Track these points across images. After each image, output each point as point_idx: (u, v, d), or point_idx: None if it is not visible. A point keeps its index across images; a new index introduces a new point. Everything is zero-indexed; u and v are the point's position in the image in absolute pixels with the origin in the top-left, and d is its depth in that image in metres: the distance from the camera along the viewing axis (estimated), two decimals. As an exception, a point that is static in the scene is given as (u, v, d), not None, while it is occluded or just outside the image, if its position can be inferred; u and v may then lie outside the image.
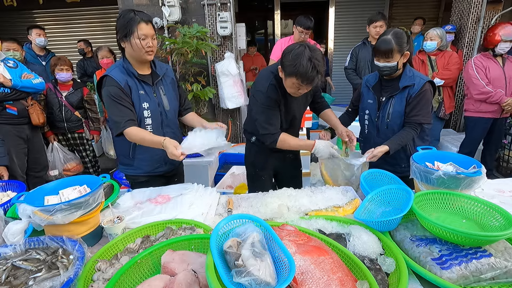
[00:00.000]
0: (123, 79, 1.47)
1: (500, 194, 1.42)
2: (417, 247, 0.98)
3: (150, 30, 1.44)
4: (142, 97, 1.52)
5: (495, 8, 3.79)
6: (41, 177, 2.90)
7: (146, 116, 1.54)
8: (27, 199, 1.08)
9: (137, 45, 1.43)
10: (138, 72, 1.53)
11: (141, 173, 1.67)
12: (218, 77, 3.79)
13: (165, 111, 1.61)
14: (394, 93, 1.71)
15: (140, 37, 1.41)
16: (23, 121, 2.63)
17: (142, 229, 1.15)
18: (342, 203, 1.37)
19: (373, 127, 1.83)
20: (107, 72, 1.49)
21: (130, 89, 1.49)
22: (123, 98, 1.46)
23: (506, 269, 0.86)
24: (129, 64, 1.50)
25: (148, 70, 1.58)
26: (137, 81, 1.52)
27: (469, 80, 2.90)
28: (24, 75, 2.58)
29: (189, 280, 0.82)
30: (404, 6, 6.14)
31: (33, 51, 3.70)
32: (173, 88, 1.68)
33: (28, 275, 0.89)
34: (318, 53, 1.38)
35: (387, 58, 1.62)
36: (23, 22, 5.70)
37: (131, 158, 1.63)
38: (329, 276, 0.78)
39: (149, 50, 1.46)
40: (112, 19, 5.70)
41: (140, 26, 1.40)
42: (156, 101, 1.57)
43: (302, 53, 1.36)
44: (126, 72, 1.50)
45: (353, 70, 3.40)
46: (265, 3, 6.95)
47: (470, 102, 2.97)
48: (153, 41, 1.46)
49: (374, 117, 1.81)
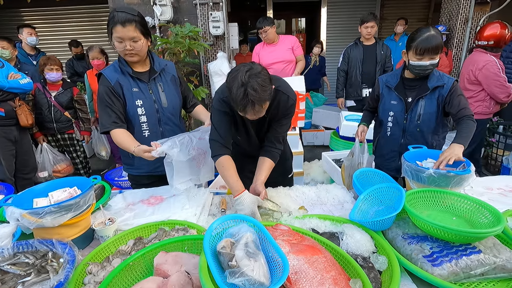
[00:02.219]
0: (114, 77, 1.47)
1: (488, 191, 1.44)
2: (408, 244, 1.00)
3: (128, 32, 1.36)
4: (135, 95, 1.51)
5: (482, 9, 3.87)
6: (30, 179, 2.84)
7: (140, 113, 1.53)
8: (15, 201, 1.06)
9: (117, 47, 1.41)
10: (134, 69, 1.51)
11: (143, 172, 1.67)
12: (210, 77, 3.78)
13: (162, 108, 1.58)
14: (423, 94, 1.64)
15: (116, 40, 1.38)
16: (10, 123, 2.57)
17: (134, 231, 1.14)
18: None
19: (399, 128, 1.75)
20: (102, 70, 1.50)
21: (121, 87, 1.48)
22: (111, 99, 1.46)
23: (495, 265, 0.87)
24: (124, 61, 1.50)
25: (146, 67, 1.56)
26: (130, 79, 1.51)
27: (496, 83, 2.65)
28: (10, 75, 2.52)
29: (182, 281, 0.82)
30: (395, 7, 6.22)
31: (24, 50, 3.63)
32: (174, 85, 1.63)
33: (16, 280, 0.87)
34: (257, 79, 1.14)
35: (435, 55, 1.53)
36: (11, 21, 5.59)
37: (132, 158, 1.62)
38: (323, 275, 0.78)
39: (128, 53, 1.41)
40: (103, 18, 5.62)
41: (116, 28, 1.35)
42: (151, 98, 1.55)
43: (237, 77, 1.16)
44: (120, 70, 1.50)
45: (345, 72, 3.45)
46: (258, 3, 6.96)
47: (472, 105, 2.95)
48: (133, 43, 1.39)
49: (401, 119, 1.73)
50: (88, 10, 5.67)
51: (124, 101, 1.50)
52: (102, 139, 3.58)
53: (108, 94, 1.45)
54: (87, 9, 5.66)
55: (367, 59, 3.33)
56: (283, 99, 1.40)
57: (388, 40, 4.72)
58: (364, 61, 3.34)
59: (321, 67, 5.12)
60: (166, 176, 1.63)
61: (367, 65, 3.34)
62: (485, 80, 2.71)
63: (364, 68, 3.35)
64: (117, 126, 1.45)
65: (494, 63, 2.65)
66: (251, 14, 7.48)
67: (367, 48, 3.34)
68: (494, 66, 2.64)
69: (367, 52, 3.33)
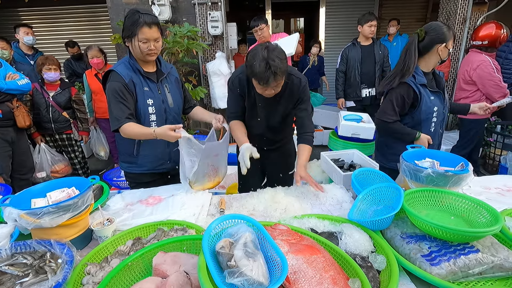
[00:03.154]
0: (128, 75, 1.49)
1: (486, 191, 1.45)
2: (407, 244, 1.00)
3: (154, 33, 1.43)
4: (146, 94, 1.54)
5: (480, 9, 3.89)
6: (27, 179, 2.83)
7: (151, 112, 1.56)
8: (13, 202, 1.05)
9: (138, 48, 1.45)
10: (143, 69, 1.54)
11: (146, 170, 1.67)
12: (209, 77, 3.77)
13: (169, 108, 1.62)
14: (441, 81, 1.79)
15: (142, 41, 1.43)
16: (8, 124, 2.56)
17: (133, 231, 1.14)
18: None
19: (440, 120, 1.80)
20: (113, 67, 1.51)
21: (134, 86, 1.51)
22: (125, 95, 1.47)
23: (493, 264, 0.88)
24: (135, 60, 1.52)
25: (154, 68, 1.60)
26: (142, 78, 1.53)
27: (491, 83, 2.65)
28: (8, 75, 2.51)
29: (181, 281, 0.82)
30: (393, 7, 6.23)
31: (21, 50, 3.60)
32: (178, 87, 1.70)
33: (14, 281, 0.86)
34: (275, 53, 1.33)
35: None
36: (8, 20, 5.55)
37: (135, 156, 1.63)
38: (322, 275, 0.78)
39: (151, 53, 1.47)
40: (101, 17, 5.60)
41: (143, 30, 1.41)
42: (160, 98, 1.59)
43: (257, 54, 1.34)
44: (132, 69, 1.52)
45: (343, 73, 3.45)
46: (256, 3, 6.95)
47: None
48: (156, 43, 1.46)
49: (443, 110, 1.79)
50: (86, 10, 5.64)
51: (136, 99, 1.52)
52: (101, 139, 3.57)
53: (122, 90, 1.46)
54: (85, 9, 5.63)
55: (366, 60, 3.34)
56: (295, 82, 1.58)
57: (383, 41, 4.74)
58: (362, 62, 3.34)
59: (319, 67, 5.13)
60: (167, 174, 1.72)
61: (365, 65, 3.35)
62: (479, 80, 2.72)
63: (363, 68, 3.35)
64: (130, 120, 1.47)
65: (488, 63, 2.66)
66: (250, 14, 7.44)
67: (365, 49, 3.34)
68: (489, 66, 2.65)
69: (365, 53, 3.33)
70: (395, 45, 4.57)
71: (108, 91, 1.48)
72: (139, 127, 1.47)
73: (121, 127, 1.45)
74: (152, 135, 1.40)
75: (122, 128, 1.45)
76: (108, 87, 1.49)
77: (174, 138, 1.38)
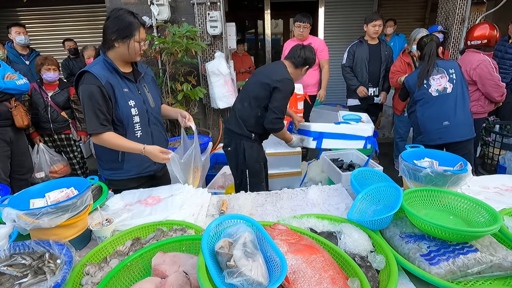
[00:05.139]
0: (104, 77, 1.42)
1: (485, 190, 1.45)
2: (406, 243, 1.00)
3: (144, 34, 1.48)
4: (127, 95, 1.49)
5: (479, 9, 3.89)
6: (26, 179, 2.82)
7: (134, 114, 1.51)
8: (12, 202, 1.05)
9: (134, 48, 1.44)
10: (121, 69, 1.50)
11: (132, 175, 1.62)
12: (208, 77, 3.77)
13: (151, 108, 1.60)
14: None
15: (139, 41, 1.44)
16: (6, 123, 2.55)
17: (132, 231, 1.14)
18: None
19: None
20: (87, 68, 1.42)
21: (112, 88, 1.44)
22: (100, 100, 1.40)
23: (492, 263, 0.88)
24: (111, 61, 1.46)
25: (130, 68, 1.57)
26: (120, 79, 1.48)
27: (491, 82, 2.66)
28: (7, 75, 2.50)
29: (180, 282, 0.81)
30: (392, 7, 6.24)
31: (15, 50, 3.58)
32: (155, 86, 1.70)
33: (13, 281, 0.86)
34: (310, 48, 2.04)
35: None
36: (6, 20, 5.52)
37: (120, 161, 1.57)
38: (321, 275, 0.78)
39: (142, 53, 1.51)
40: (99, 17, 5.59)
41: (141, 30, 1.44)
42: (141, 98, 1.55)
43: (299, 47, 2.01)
44: (108, 69, 1.46)
45: (350, 68, 3.43)
46: (256, 3, 6.95)
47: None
48: (143, 43, 1.49)
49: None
50: (84, 10, 5.63)
51: (115, 102, 1.46)
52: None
53: (98, 94, 1.39)
54: (83, 9, 5.62)
55: (373, 59, 3.33)
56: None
57: None
58: (369, 60, 3.34)
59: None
60: (154, 176, 1.74)
61: (372, 64, 3.35)
62: (479, 80, 2.73)
63: (370, 67, 3.35)
64: (106, 128, 1.43)
65: (487, 62, 2.66)
66: (249, 14, 7.47)
67: (372, 48, 3.34)
68: (488, 65, 2.66)
69: (372, 52, 3.33)
70: (392, 45, 4.58)
71: (82, 94, 1.39)
72: (125, 140, 1.46)
73: (99, 135, 1.41)
74: (141, 151, 1.42)
75: (101, 137, 1.42)
76: (81, 90, 1.39)
77: (162, 161, 1.42)
